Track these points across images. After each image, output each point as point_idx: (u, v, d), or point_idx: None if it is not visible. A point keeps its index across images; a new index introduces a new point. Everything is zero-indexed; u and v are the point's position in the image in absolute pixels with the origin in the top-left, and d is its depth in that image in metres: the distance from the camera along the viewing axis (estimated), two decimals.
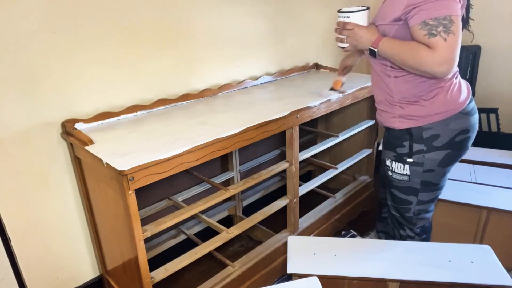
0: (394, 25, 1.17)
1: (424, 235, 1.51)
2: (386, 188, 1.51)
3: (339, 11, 1.28)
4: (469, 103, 1.29)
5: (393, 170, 1.38)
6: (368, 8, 1.27)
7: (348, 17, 1.25)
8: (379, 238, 1.78)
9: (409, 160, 1.31)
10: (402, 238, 1.54)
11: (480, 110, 2.59)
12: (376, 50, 1.20)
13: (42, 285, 1.50)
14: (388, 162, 1.39)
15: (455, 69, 1.13)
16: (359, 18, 1.25)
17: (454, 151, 1.29)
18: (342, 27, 1.27)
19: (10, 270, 1.39)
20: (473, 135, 1.32)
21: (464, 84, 1.31)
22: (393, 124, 1.32)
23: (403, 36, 1.17)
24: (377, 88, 1.36)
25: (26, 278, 1.44)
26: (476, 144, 2.68)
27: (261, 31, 2.03)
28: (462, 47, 2.48)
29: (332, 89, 1.74)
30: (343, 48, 1.31)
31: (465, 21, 1.31)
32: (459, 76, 1.29)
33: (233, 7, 1.85)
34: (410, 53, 1.12)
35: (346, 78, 1.75)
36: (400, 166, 1.34)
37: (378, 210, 1.78)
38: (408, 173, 1.34)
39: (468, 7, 1.30)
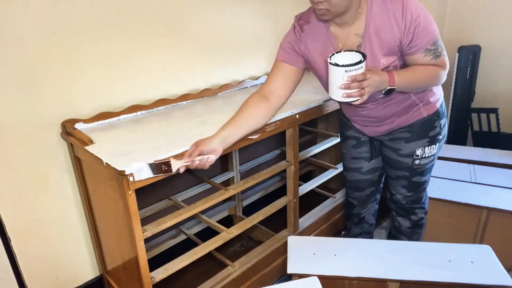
0: (395, 60, 1.20)
1: (427, 207, 1.59)
2: (398, 182, 1.49)
3: (342, 65, 1.06)
4: None
5: (424, 156, 1.40)
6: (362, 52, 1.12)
7: (362, 67, 1.07)
8: None
9: (439, 137, 1.39)
10: (414, 223, 1.57)
11: (480, 110, 2.60)
12: (394, 87, 1.16)
13: (42, 285, 1.50)
14: (419, 152, 1.39)
15: None
16: (365, 65, 1.10)
17: None
18: (362, 79, 1.07)
19: (10, 270, 1.39)
20: None
21: None
22: (421, 115, 1.34)
23: (402, 66, 1.24)
24: (382, 109, 1.33)
25: (26, 278, 1.44)
26: (476, 144, 2.69)
27: (261, 31, 2.03)
28: (462, 47, 2.49)
29: (155, 166, 1.11)
30: (354, 102, 1.10)
31: None
32: None
33: (233, 7, 1.85)
34: (428, 77, 1.21)
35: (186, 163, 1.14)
36: (432, 148, 1.39)
37: (351, 215, 1.75)
38: (435, 152, 1.41)
39: None
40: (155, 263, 1.41)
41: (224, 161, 1.99)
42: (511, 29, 2.48)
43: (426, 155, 1.40)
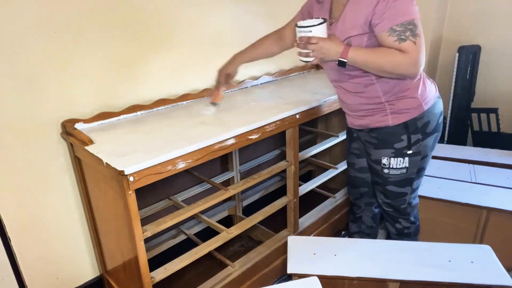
0: (363, 35, 1.20)
1: (417, 221, 1.56)
2: (376, 187, 1.51)
3: (297, 25, 1.23)
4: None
5: (391, 166, 1.39)
6: (326, 20, 1.24)
7: (311, 31, 1.21)
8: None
9: (409, 152, 1.35)
10: (399, 232, 1.56)
11: (480, 110, 2.61)
12: (345, 60, 1.20)
13: (42, 285, 1.50)
14: (385, 161, 1.39)
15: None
16: (320, 31, 1.21)
17: (438, 132, 1.39)
18: (306, 42, 1.21)
19: (10, 270, 1.39)
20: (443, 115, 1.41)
21: None
22: (386, 122, 1.33)
23: (374, 45, 1.20)
24: (352, 97, 1.36)
25: (26, 278, 1.44)
26: (476, 144, 2.69)
27: (261, 31, 2.03)
28: (462, 47, 2.49)
29: (212, 103, 1.56)
30: (307, 62, 1.26)
31: None
32: None
33: (233, 6, 1.85)
34: (385, 59, 1.16)
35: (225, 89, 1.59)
36: (400, 161, 1.37)
37: (350, 211, 1.78)
38: (407, 165, 1.37)
39: None
40: (155, 263, 1.41)
41: (224, 161, 1.99)
42: (511, 29, 2.48)
43: (394, 166, 1.38)
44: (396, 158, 1.37)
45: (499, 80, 2.63)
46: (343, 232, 2.05)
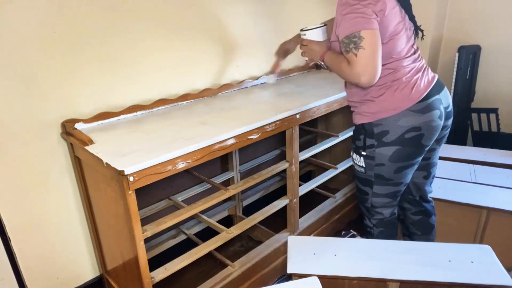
0: (337, 42, 1.28)
1: (382, 228, 1.53)
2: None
3: (300, 30, 1.43)
4: (421, 101, 1.27)
5: (354, 161, 1.46)
6: (324, 25, 1.41)
7: (305, 34, 1.40)
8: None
9: (363, 153, 1.40)
10: (365, 228, 1.59)
11: (480, 110, 2.60)
12: (322, 63, 1.37)
13: (42, 285, 1.50)
14: (351, 153, 1.48)
15: (377, 77, 1.20)
16: (315, 35, 1.39)
17: (405, 147, 1.32)
18: (300, 43, 1.43)
19: (10, 270, 1.39)
20: (428, 133, 1.31)
21: (424, 82, 1.30)
22: (354, 120, 1.42)
23: None
24: (345, 90, 1.47)
25: (26, 278, 1.44)
26: (476, 144, 2.69)
27: (261, 31, 2.03)
28: (462, 47, 2.49)
29: (271, 72, 1.77)
30: (306, 60, 1.48)
31: (416, 31, 1.36)
32: (419, 74, 1.29)
33: (233, 6, 1.85)
34: (338, 66, 1.26)
35: (283, 61, 1.77)
36: (357, 158, 1.43)
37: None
38: (364, 165, 1.42)
39: (412, 18, 1.33)
40: (155, 263, 1.41)
41: (224, 161, 1.99)
42: (511, 29, 2.48)
43: (355, 162, 1.45)
44: (355, 154, 1.44)
45: (499, 80, 2.62)
46: (343, 232, 2.05)
